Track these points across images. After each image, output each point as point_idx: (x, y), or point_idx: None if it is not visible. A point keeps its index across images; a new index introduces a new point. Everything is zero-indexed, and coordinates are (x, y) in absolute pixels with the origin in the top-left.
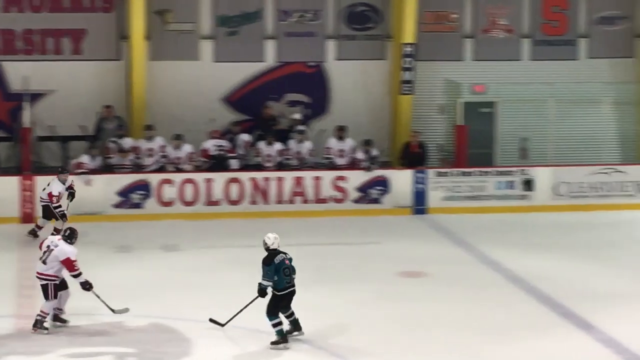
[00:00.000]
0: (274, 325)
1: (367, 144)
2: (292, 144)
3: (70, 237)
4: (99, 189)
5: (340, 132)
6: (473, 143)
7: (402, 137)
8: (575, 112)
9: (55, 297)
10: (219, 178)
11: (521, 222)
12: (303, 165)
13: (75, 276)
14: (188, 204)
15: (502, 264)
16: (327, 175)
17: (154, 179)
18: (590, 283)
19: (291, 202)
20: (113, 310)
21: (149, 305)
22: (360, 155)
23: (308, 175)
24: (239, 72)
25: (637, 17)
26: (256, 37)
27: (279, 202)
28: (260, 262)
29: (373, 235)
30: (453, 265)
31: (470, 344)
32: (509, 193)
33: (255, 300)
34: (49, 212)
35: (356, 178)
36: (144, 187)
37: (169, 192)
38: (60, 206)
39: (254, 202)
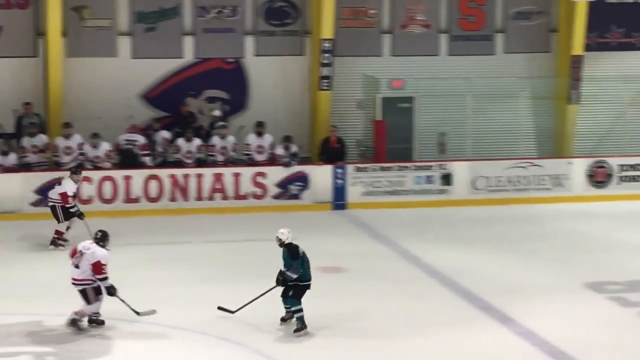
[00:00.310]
0: (296, 312)
1: (286, 140)
2: (216, 140)
3: (103, 239)
4: (16, 187)
5: (259, 128)
6: (392, 138)
7: (321, 133)
8: (492, 107)
9: (96, 299)
10: (138, 175)
11: (440, 217)
12: (228, 160)
13: (100, 279)
14: (106, 201)
15: (422, 258)
16: (247, 172)
17: None
18: (508, 276)
19: (211, 198)
20: (138, 313)
21: (68, 304)
22: (279, 151)
23: (227, 172)
24: (157, 69)
25: (552, 12)
26: (174, 34)
27: (199, 199)
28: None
29: (293, 231)
30: (373, 260)
31: (392, 339)
32: (427, 188)
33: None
34: (56, 213)
35: (276, 174)
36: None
37: (87, 189)
38: (74, 206)
39: (173, 199)
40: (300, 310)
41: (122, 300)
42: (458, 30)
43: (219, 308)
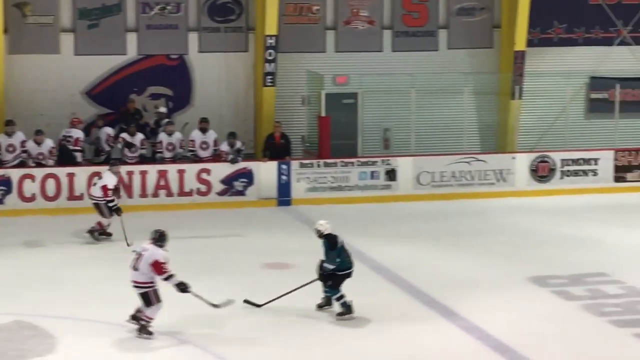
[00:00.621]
0: (339, 299)
1: (231, 136)
2: (162, 136)
3: (161, 239)
4: None
5: (203, 125)
6: (336, 134)
7: (265, 129)
8: (436, 103)
9: (159, 300)
10: (81, 172)
11: (385, 212)
12: (176, 157)
13: (166, 279)
14: (50, 199)
15: (367, 254)
16: (191, 168)
17: (14, 174)
18: (453, 271)
19: (155, 195)
20: (216, 306)
21: (11, 303)
22: (224, 147)
23: (172, 169)
24: (101, 66)
25: (495, 8)
26: (117, 30)
27: (143, 195)
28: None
29: (238, 228)
30: (318, 256)
31: (339, 335)
32: (372, 183)
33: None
34: (101, 210)
35: (220, 170)
36: (4, 182)
37: (30, 187)
38: (113, 200)
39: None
40: (342, 296)
41: (197, 296)
42: (401, 26)
43: (245, 301)
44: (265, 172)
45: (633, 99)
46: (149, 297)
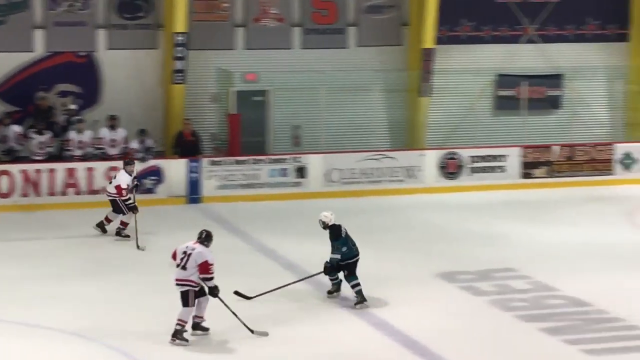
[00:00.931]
0: (354, 286)
1: (141, 133)
2: (72, 134)
3: (207, 240)
4: None
5: (112, 122)
6: (246, 131)
7: (175, 127)
8: (346, 100)
9: (194, 304)
10: None
11: (295, 210)
12: (88, 155)
13: (207, 279)
14: None
15: (278, 251)
16: (100, 166)
17: None
18: (363, 267)
19: (64, 193)
20: (240, 320)
21: None
22: (134, 145)
23: (80, 167)
24: (7, 63)
25: (403, 5)
26: (24, 27)
27: (51, 194)
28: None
29: (148, 226)
30: (229, 254)
31: (248, 334)
32: (282, 180)
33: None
34: (117, 206)
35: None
36: None
37: None
38: (129, 199)
39: (25, 195)
40: (358, 284)
41: (222, 301)
42: (311, 23)
43: (235, 293)
44: (175, 169)
45: (539, 96)
46: (188, 297)
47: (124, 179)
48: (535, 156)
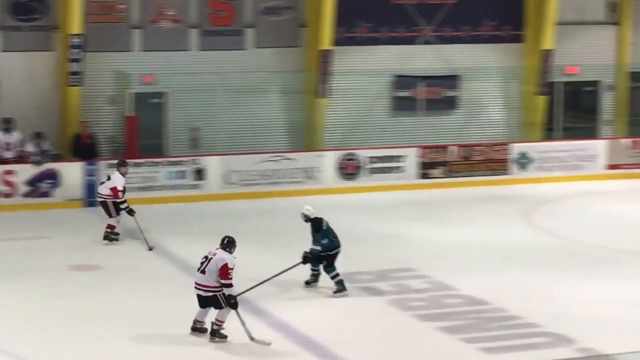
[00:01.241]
0: (334, 277)
1: (37, 136)
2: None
3: (230, 245)
4: None
5: (7, 125)
6: (144, 134)
7: (71, 129)
8: (244, 102)
9: (226, 304)
10: None
11: (194, 212)
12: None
13: (225, 285)
14: None
15: (175, 254)
16: None
17: None
18: (262, 269)
19: None
20: (252, 338)
21: None
22: (30, 148)
23: None
24: None
25: (300, 7)
26: None
27: None
28: None
29: (44, 230)
30: (127, 257)
31: (154, 337)
32: (180, 183)
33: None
34: (107, 209)
35: (25, 172)
36: None
37: None
38: (125, 201)
39: None
40: (338, 275)
41: (240, 317)
42: (209, 25)
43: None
44: (72, 172)
45: (436, 97)
46: (219, 300)
47: (119, 181)
48: (432, 156)
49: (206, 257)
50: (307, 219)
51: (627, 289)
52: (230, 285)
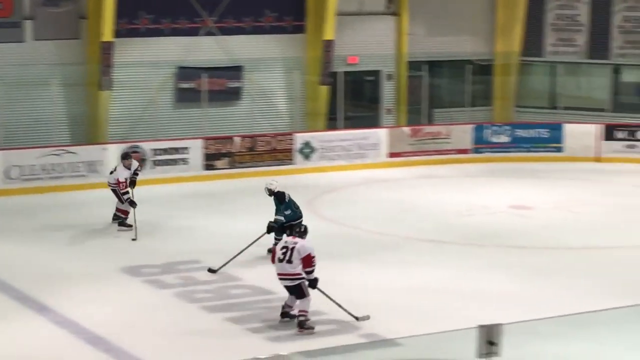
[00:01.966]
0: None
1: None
2: None
3: (305, 234)
4: None
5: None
6: None
7: None
8: (24, 95)
9: (309, 292)
10: None
11: None
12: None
13: (309, 272)
14: None
15: None
16: None
17: None
18: (46, 265)
19: None
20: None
21: None
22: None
23: None
24: None
25: None
26: None
27: None
28: None
29: None
30: None
31: None
32: None
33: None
34: (117, 195)
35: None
36: None
37: None
38: (127, 192)
39: None
40: None
41: (327, 296)
42: None
43: (209, 270)
44: None
45: (220, 88)
46: (302, 289)
47: (121, 174)
48: (217, 147)
49: (285, 247)
50: (270, 192)
51: (410, 274)
52: (313, 271)
